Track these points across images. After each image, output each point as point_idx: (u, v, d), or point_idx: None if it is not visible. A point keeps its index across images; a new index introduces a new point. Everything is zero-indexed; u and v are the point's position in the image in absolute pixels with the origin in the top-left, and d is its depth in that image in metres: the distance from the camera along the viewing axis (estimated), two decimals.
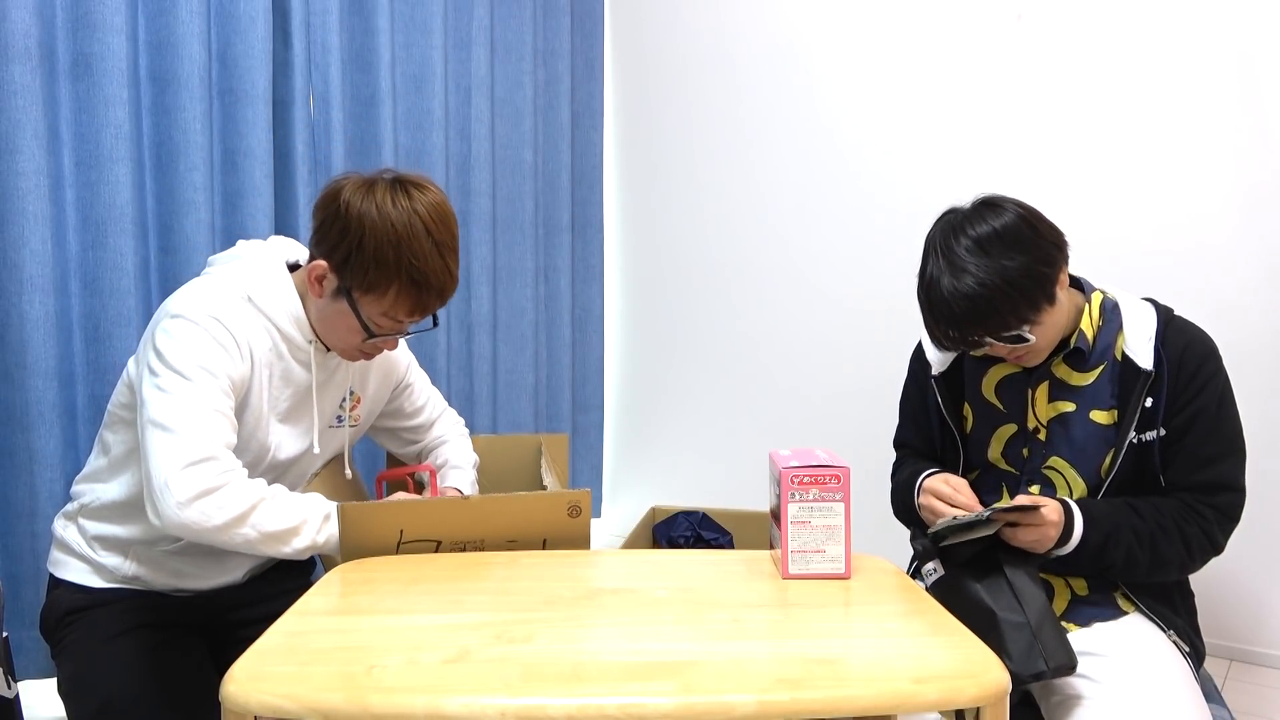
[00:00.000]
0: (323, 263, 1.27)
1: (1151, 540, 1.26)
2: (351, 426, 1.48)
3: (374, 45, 2.25)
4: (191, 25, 1.83)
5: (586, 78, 2.95)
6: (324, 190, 1.28)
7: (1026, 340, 1.26)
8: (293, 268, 1.37)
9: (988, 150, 2.30)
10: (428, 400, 1.63)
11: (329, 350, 1.37)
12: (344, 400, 1.44)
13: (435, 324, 1.39)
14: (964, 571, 1.24)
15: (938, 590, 1.26)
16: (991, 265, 1.22)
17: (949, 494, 1.32)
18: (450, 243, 1.28)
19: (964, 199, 1.33)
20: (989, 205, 1.28)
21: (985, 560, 1.24)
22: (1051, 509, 1.23)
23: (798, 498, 1.12)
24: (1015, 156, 2.26)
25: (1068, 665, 1.14)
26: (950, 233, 1.26)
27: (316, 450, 1.37)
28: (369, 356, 1.37)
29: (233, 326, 1.24)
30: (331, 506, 1.25)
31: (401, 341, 1.57)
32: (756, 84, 2.67)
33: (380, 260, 1.23)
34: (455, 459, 1.61)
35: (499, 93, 2.66)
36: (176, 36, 1.82)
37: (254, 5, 1.93)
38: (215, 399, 1.20)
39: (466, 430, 1.69)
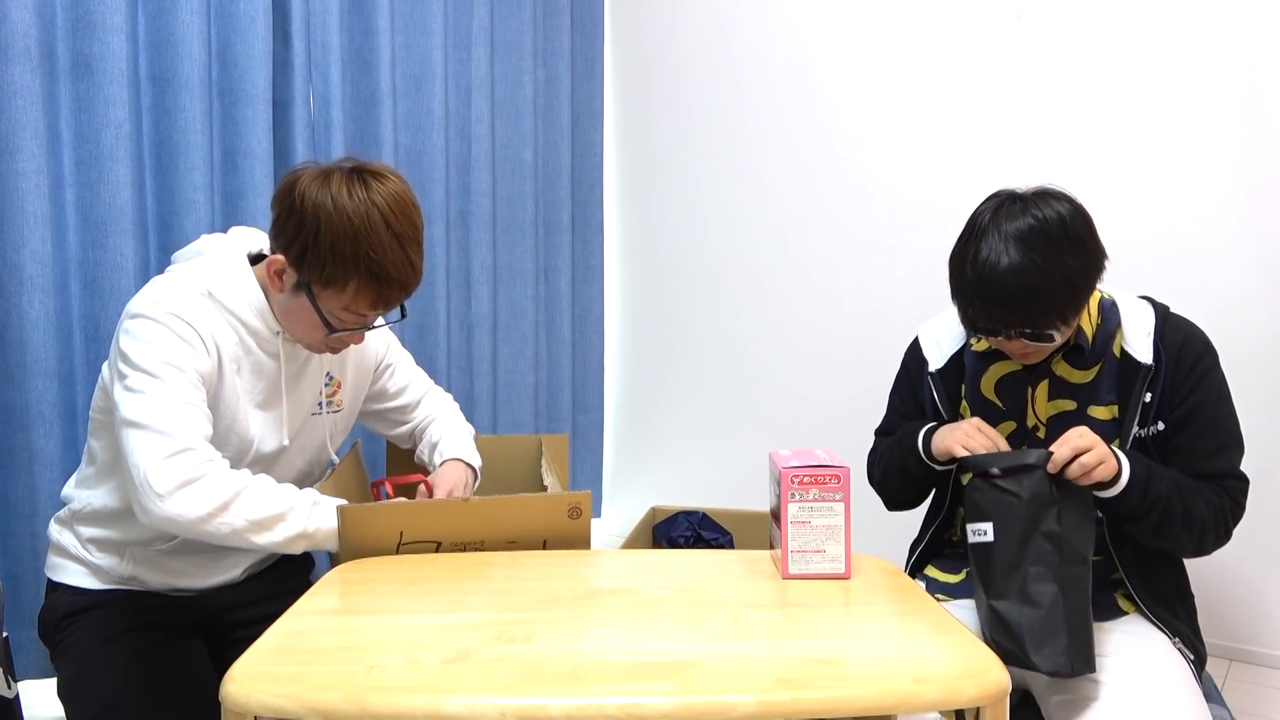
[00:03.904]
0: (280, 257, 1.24)
1: (1182, 491, 1.25)
2: (334, 412, 1.46)
3: (374, 45, 2.25)
4: (191, 25, 1.83)
5: (586, 78, 2.95)
6: (282, 181, 1.25)
7: (1052, 341, 1.25)
8: (258, 257, 1.35)
9: (988, 150, 2.30)
10: (411, 380, 1.60)
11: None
12: (323, 386, 1.43)
13: (403, 315, 1.37)
14: (1007, 565, 1.19)
15: (985, 560, 1.22)
16: (1057, 261, 1.20)
17: (981, 436, 1.29)
18: (411, 234, 1.24)
19: (1020, 185, 1.30)
20: (1054, 197, 1.25)
21: (1045, 544, 1.19)
22: (1088, 430, 1.20)
23: (798, 498, 1.12)
24: (1015, 156, 2.26)
25: (1087, 671, 1.14)
26: (1014, 216, 1.23)
27: (285, 442, 1.35)
28: (335, 350, 1.35)
29: (194, 321, 1.22)
30: (319, 495, 1.24)
31: (380, 322, 1.56)
32: (756, 84, 2.67)
33: (337, 254, 1.20)
34: (450, 431, 1.59)
35: (499, 93, 2.66)
36: (176, 36, 1.82)
37: (254, 5, 1.93)
38: (186, 393, 1.18)
39: (455, 404, 1.67)
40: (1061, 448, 1.19)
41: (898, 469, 1.47)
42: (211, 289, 1.26)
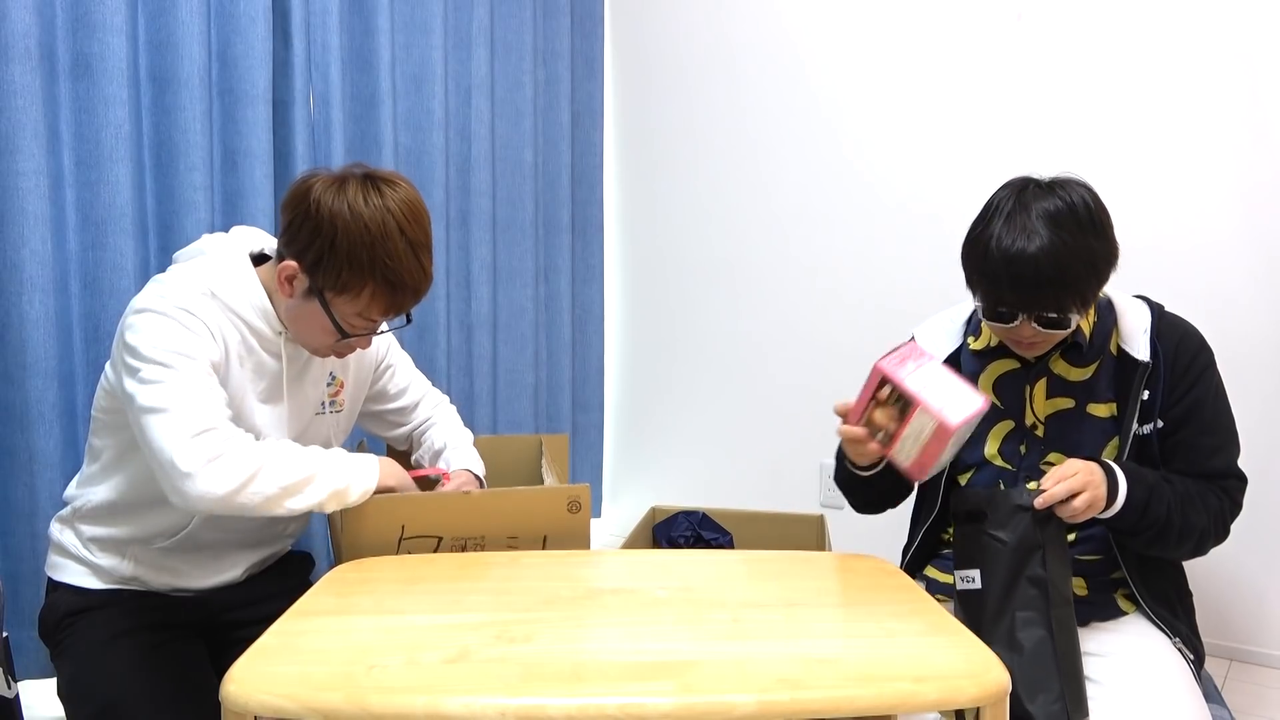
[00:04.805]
0: (293, 263, 1.25)
1: (1183, 505, 1.25)
2: (336, 412, 1.46)
3: (374, 45, 2.24)
4: (191, 25, 1.82)
5: (586, 78, 2.95)
6: (293, 188, 1.26)
7: (1068, 326, 1.25)
8: (259, 257, 1.36)
9: (988, 149, 2.30)
10: (410, 382, 1.61)
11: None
12: (327, 385, 1.43)
13: (409, 321, 1.38)
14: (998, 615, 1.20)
15: (973, 606, 1.22)
16: (1084, 242, 1.21)
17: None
18: (424, 240, 1.26)
19: (1039, 172, 1.31)
20: (1075, 183, 1.26)
21: (1030, 589, 1.19)
22: (1084, 468, 1.20)
23: (905, 372, 1.17)
24: (1015, 155, 2.26)
25: (1080, 717, 1.13)
26: (1040, 198, 1.23)
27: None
28: (341, 355, 1.36)
29: (200, 315, 1.23)
30: (346, 453, 1.25)
31: (385, 327, 1.57)
32: (757, 83, 2.67)
33: (354, 261, 1.21)
34: (452, 439, 1.60)
35: (499, 93, 2.66)
36: (176, 36, 1.82)
37: (254, 5, 1.92)
38: (200, 378, 1.19)
39: (453, 407, 1.68)
40: (1056, 486, 1.18)
41: (845, 479, 1.47)
42: (214, 289, 1.26)
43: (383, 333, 1.34)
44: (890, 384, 1.18)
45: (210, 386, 1.20)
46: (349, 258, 1.21)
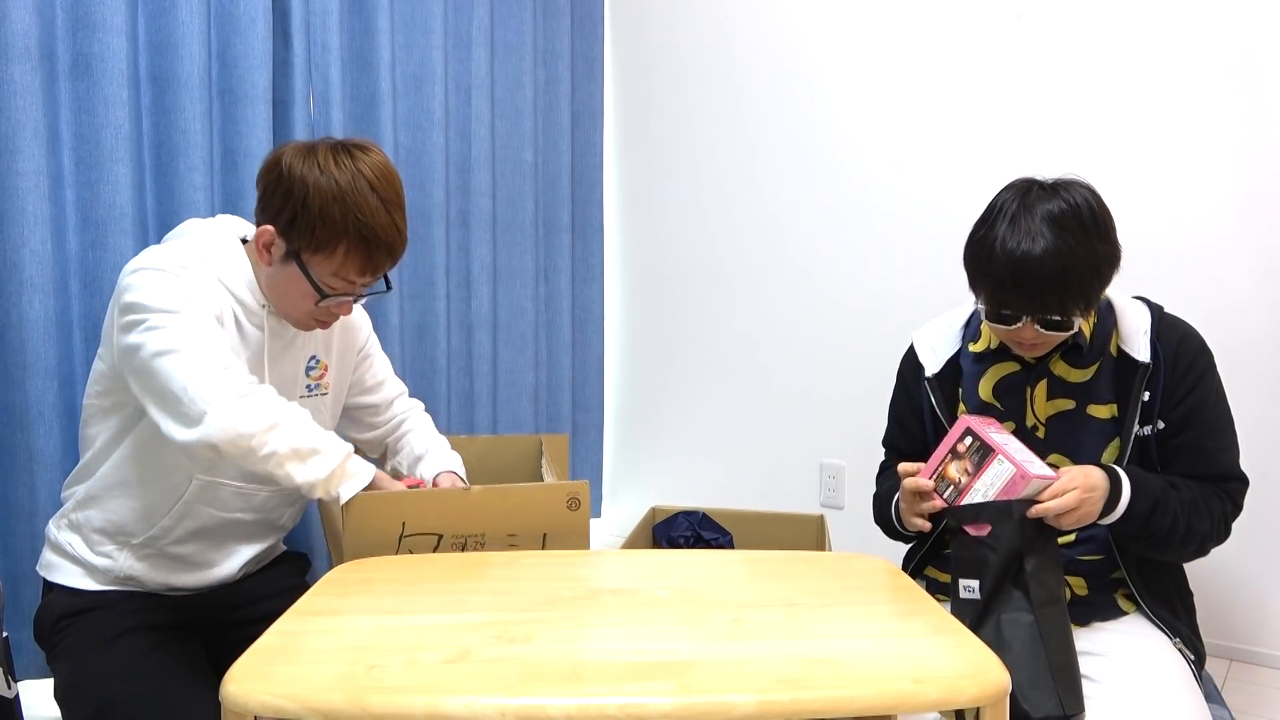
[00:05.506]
0: (269, 228, 1.27)
1: (1188, 512, 1.25)
2: (323, 395, 1.46)
3: (374, 45, 2.24)
4: (191, 25, 1.83)
5: (586, 78, 2.95)
6: (266, 159, 1.29)
7: (1070, 328, 1.25)
8: (243, 241, 1.37)
9: (988, 150, 2.30)
10: (386, 379, 1.61)
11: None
12: (311, 367, 1.44)
13: (389, 287, 1.38)
14: (992, 610, 1.22)
15: (965, 614, 1.23)
16: (1088, 245, 1.21)
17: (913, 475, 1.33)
18: (396, 200, 1.28)
19: (1040, 173, 1.31)
20: (1078, 185, 1.26)
21: (1013, 590, 1.21)
22: (1082, 480, 1.21)
23: (989, 430, 1.27)
24: (1015, 156, 2.26)
25: (1077, 711, 1.14)
26: (1044, 200, 1.23)
27: None
28: (324, 325, 1.36)
29: (194, 273, 1.24)
30: (350, 447, 1.26)
31: (361, 310, 1.56)
32: (757, 84, 2.67)
33: (326, 218, 1.23)
34: (432, 445, 1.59)
35: (499, 93, 2.66)
36: (176, 36, 1.82)
37: (254, 5, 1.92)
38: (209, 322, 1.20)
39: (428, 415, 1.67)
40: (1051, 501, 1.19)
41: (893, 531, 1.49)
42: (203, 258, 1.28)
43: (362, 295, 1.35)
44: (973, 435, 1.25)
45: (218, 332, 1.22)
46: (321, 214, 1.23)
